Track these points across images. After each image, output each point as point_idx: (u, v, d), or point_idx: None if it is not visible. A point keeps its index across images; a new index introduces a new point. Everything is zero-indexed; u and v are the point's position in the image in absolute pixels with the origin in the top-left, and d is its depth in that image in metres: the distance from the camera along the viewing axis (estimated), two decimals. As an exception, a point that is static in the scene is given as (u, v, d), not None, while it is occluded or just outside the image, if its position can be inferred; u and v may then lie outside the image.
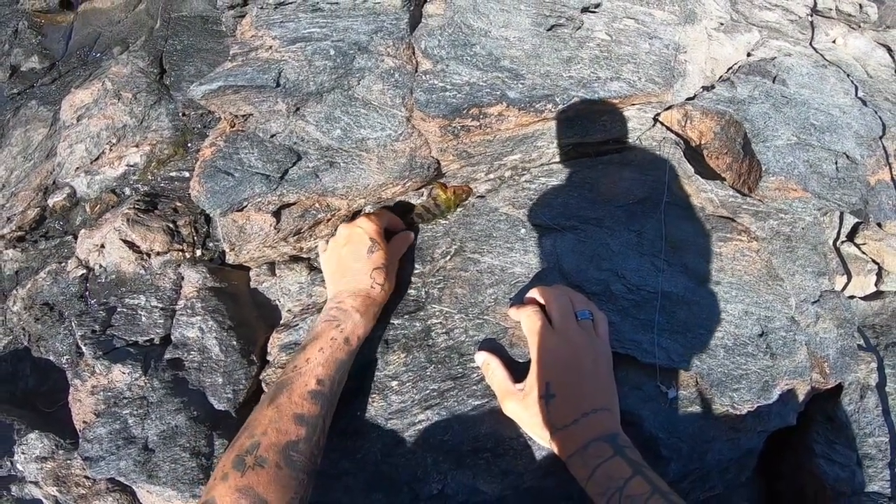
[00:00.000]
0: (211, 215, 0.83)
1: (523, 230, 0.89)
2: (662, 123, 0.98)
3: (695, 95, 0.99)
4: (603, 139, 0.97)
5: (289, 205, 0.86)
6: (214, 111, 0.88)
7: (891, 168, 0.99)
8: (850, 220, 1.06)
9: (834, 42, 1.18)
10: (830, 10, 1.21)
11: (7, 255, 1.38)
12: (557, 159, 0.97)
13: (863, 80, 1.11)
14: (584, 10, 0.97)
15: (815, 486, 0.92)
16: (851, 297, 1.05)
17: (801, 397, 0.89)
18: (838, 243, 1.06)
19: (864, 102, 1.05)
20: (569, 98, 0.88)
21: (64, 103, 1.44)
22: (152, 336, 0.96)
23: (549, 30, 0.94)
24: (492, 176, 0.96)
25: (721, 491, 0.90)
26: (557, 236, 0.88)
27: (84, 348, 0.97)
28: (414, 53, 0.89)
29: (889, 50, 1.18)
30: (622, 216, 0.90)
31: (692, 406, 0.81)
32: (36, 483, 1.01)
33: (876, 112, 1.03)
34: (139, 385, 0.90)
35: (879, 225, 1.04)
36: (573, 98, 0.88)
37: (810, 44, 1.14)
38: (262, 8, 0.90)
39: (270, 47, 0.87)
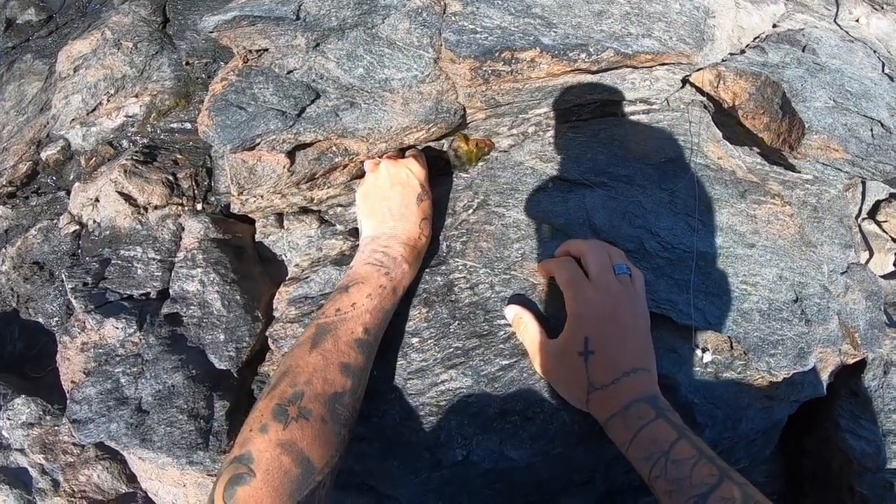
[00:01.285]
0: (220, 152, 0.73)
1: (551, 184, 0.81)
2: (693, 84, 0.91)
3: (724, 60, 0.92)
4: (632, 98, 0.90)
5: (305, 146, 0.76)
6: (227, 45, 0.79)
7: None
8: (871, 197, 1.01)
9: (857, 21, 1.12)
10: None
11: None
12: (584, 116, 0.90)
13: (888, 58, 1.05)
14: None
15: (841, 460, 0.86)
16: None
17: (830, 368, 0.83)
18: (860, 220, 1.00)
19: (892, 78, 0.99)
20: (602, 49, 0.79)
21: (60, 55, 1.33)
22: (149, 289, 0.87)
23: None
24: (514, 131, 0.88)
25: (746, 464, 0.84)
26: (587, 192, 0.80)
27: (74, 302, 0.86)
28: (443, -7, 0.80)
29: None
30: (654, 174, 0.82)
31: (727, 371, 0.74)
32: (22, 450, 0.90)
33: None
34: (133, 342, 0.80)
35: None
36: (607, 49, 0.80)
37: (835, 20, 1.09)
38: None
39: (288, -20, 0.78)
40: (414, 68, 0.76)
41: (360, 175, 0.84)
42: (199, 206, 1.00)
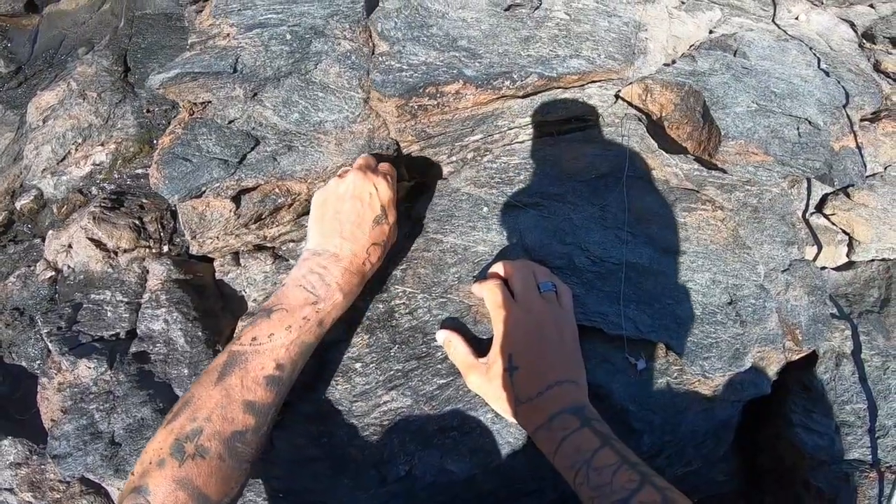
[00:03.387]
0: (170, 202, 0.84)
1: (485, 209, 0.91)
2: (623, 99, 1.00)
3: (652, 74, 1.02)
4: (565, 117, 1.00)
5: (248, 190, 0.87)
6: (173, 99, 0.91)
7: (855, 135, 1.01)
8: (818, 192, 1.09)
9: (797, 19, 1.21)
10: None
11: None
12: (520, 139, 1.00)
13: (825, 54, 1.14)
14: None
15: (793, 455, 0.94)
16: (823, 268, 1.07)
17: (774, 366, 0.91)
18: (807, 215, 1.08)
19: (827, 73, 1.08)
20: (526, 74, 0.90)
21: (30, 106, 1.46)
22: (118, 330, 0.98)
23: (506, 10, 0.97)
24: (454, 158, 0.98)
25: (699, 466, 0.92)
26: (520, 213, 0.90)
27: (50, 345, 0.98)
28: (371, 36, 0.91)
29: (852, 25, 1.21)
30: (585, 191, 0.92)
31: (662, 377, 0.83)
32: (11, 490, 1.02)
33: (839, 82, 1.06)
34: (105, 379, 0.91)
35: (847, 195, 1.07)
36: (531, 74, 0.90)
37: (773, 20, 1.18)
38: (217, -3, 0.93)
39: (228, 35, 0.89)
40: (346, 109, 0.87)
41: (307, 213, 0.94)
42: (165, 248, 1.11)
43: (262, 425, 0.63)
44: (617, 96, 1.01)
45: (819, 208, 1.09)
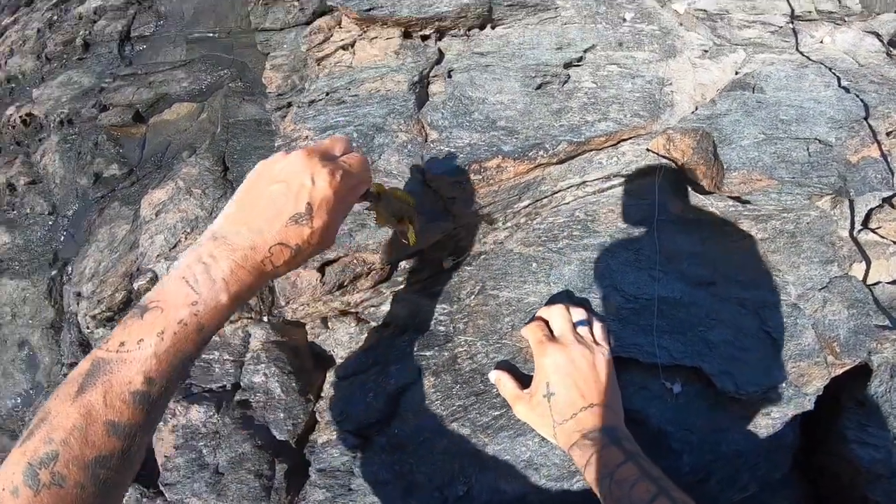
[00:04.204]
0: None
1: (534, 264, 1.15)
2: (652, 151, 1.22)
3: (679, 121, 1.23)
4: (603, 176, 1.22)
5: (331, 262, 1.16)
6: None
7: (879, 144, 1.17)
8: (863, 207, 1.22)
9: (822, 42, 1.38)
10: (810, 12, 1.41)
11: (98, 334, 1.77)
12: (566, 200, 1.23)
13: (849, 71, 1.29)
14: (567, 65, 1.25)
15: (850, 472, 1.05)
16: (877, 283, 1.18)
17: (817, 381, 1.04)
18: (855, 232, 1.21)
19: (847, 90, 1.24)
20: (557, 143, 1.15)
21: (143, 202, 1.86)
22: (224, 383, 1.28)
23: (538, 88, 1.23)
24: (509, 224, 1.23)
25: (756, 490, 1.07)
26: (564, 265, 1.13)
27: None
28: (423, 127, 1.20)
29: (878, 36, 1.37)
30: (621, 238, 1.14)
31: (698, 398, 1.01)
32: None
33: (858, 96, 1.22)
34: (212, 422, 1.20)
35: (893, 205, 1.20)
36: (561, 142, 1.15)
37: (797, 49, 1.35)
38: (299, 107, 1.25)
39: (307, 137, 1.21)
40: (407, 189, 1.14)
41: (383, 280, 1.21)
42: (264, 318, 1.42)
43: (129, 448, 0.59)
44: (649, 149, 1.22)
45: (865, 224, 1.23)
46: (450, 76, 1.26)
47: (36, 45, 2.99)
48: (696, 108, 1.25)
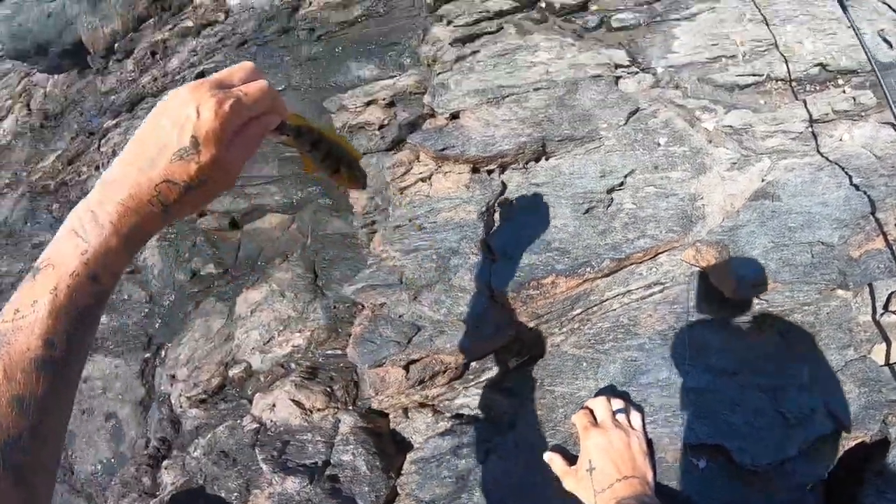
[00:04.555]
0: (360, 369, 1.42)
1: (584, 364, 1.42)
2: (686, 261, 1.49)
3: (707, 233, 1.50)
4: (644, 285, 1.50)
5: (414, 361, 1.45)
6: (360, 302, 1.54)
7: (885, 235, 1.41)
8: (883, 293, 1.42)
9: (841, 140, 1.63)
10: (827, 114, 1.66)
11: (190, 413, 2.09)
12: (613, 307, 1.51)
13: (862, 167, 1.52)
14: (610, 190, 1.56)
15: None
16: None
17: (830, 453, 1.27)
18: (878, 316, 1.42)
19: (857, 188, 1.49)
20: (601, 260, 1.44)
21: (239, 300, 2.22)
22: (316, 460, 1.56)
23: (585, 213, 1.53)
24: (564, 329, 1.51)
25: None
26: (610, 364, 1.39)
27: (264, 466, 1.59)
28: (490, 250, 1.51)
29: (894, 126, 1.60)
30: (658, 340, 1.40)
31: (721, 472, 1.25)
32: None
33: (866, 193, 1.46)
34: (305, 491, 1.48)
35: None
36: (604, 260, 1.44)
37: (818, 151, 1.61)
38: (385, 230, 1.59)
39: (394, 257, 1.53)
40: (478, 305, 1.44)
41: (457, 377, 1.50)
42: (350, 408, 1.72)
43: (39, 423, 0.56)
44: (682, 259, 1.50)
45: (887, 307, 1.44)
46: (511, 205, 1.58)
47: (135, 152, 3.49)
48: (723, 219, 1.52)
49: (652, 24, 1.98)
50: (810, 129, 1.66)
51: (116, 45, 5.42)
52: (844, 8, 1.66)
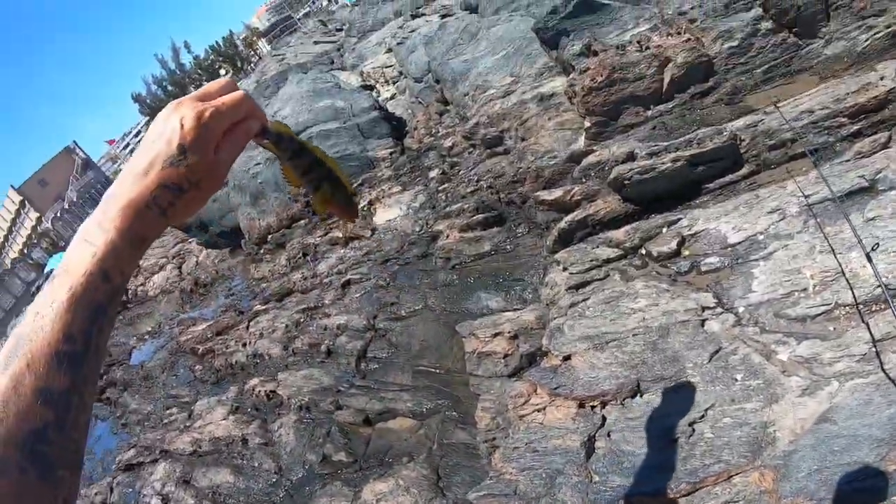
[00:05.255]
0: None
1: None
2: (752, 483, 1.85)
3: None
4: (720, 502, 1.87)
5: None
6: (480, 507, 1.99)
7: None
8: None
9: None
10: (889, 332, 1.98)
11: None
12: (688, 535, 1.87)
13: None
14: (692, 423, 1.98)
15: None
16: None
17: None
18: None
19: None
20: (679, 483, 1.84)
21: (366, 489, 2.71)
22: None
23: (671, 443, 1.96)
24: (645, 546, 1.88)
25: None
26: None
27: None
28: (589, 472, 1.95)
29: None
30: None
31: None
32: None
33: None
34: None
35: None
36: (681, 483, 1.84)
37: (881, 368, 1.95)
38: (505, 449, 2.07)
39: (511, 472, 2.00)
40: (575, 518, 1.86)
41: None
42: None
43: (65, 416, 0.60)
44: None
45: None
46: (609, 436, 2.04)
47: (283, 337, 4.24)
48: (789, 442, 1.89)
49: (735, 265, 2.49)
50: (874, 349, 1.98)
51: (269, 237, 6.52)
52: (870, 259, 2.07)
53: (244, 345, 4.64)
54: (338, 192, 0.92)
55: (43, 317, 0.62)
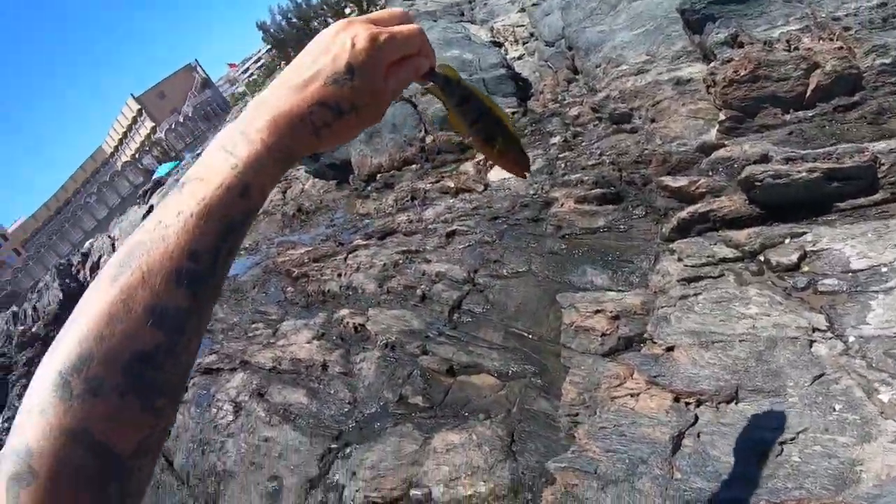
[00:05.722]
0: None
1: None
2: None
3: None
4: (797, 547, 1.83)
5: None
6: (555, 476, 2.02)
7: None
8: None
9: None
10: None
11: None
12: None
13: None
14: (783, 442, 1.93)
15: None
16: None
17: None
18: None
19: None
20: (759, 499, 1.81)
21: (437, 435, 2.78)
22: None
23: (759, 457, 1.92)
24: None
25: None
26: None
27: None
28: (672, 467, 1.94)
29: None
30: None
31: None
32: None
33: None
34: None
35: None
36: (762, 500, 1.81)
37: None
38: (591, 426, 2.08)
39: (595, 451, 2.01)
40: (651, 509, 1.86)
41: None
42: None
43: (177, 342, 0.56)
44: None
45: None
46: (698, 436, 2.01)
47: (379, 275, 4.36)
48: (873, 485, 1.82)
49: (853, 292, 2.39)
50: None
51: (379, 175, 6.67)
52: None
53: (339, 275, 4.79)
54: (509, 144, 0.87)
55: (167, 227, 0.57)
